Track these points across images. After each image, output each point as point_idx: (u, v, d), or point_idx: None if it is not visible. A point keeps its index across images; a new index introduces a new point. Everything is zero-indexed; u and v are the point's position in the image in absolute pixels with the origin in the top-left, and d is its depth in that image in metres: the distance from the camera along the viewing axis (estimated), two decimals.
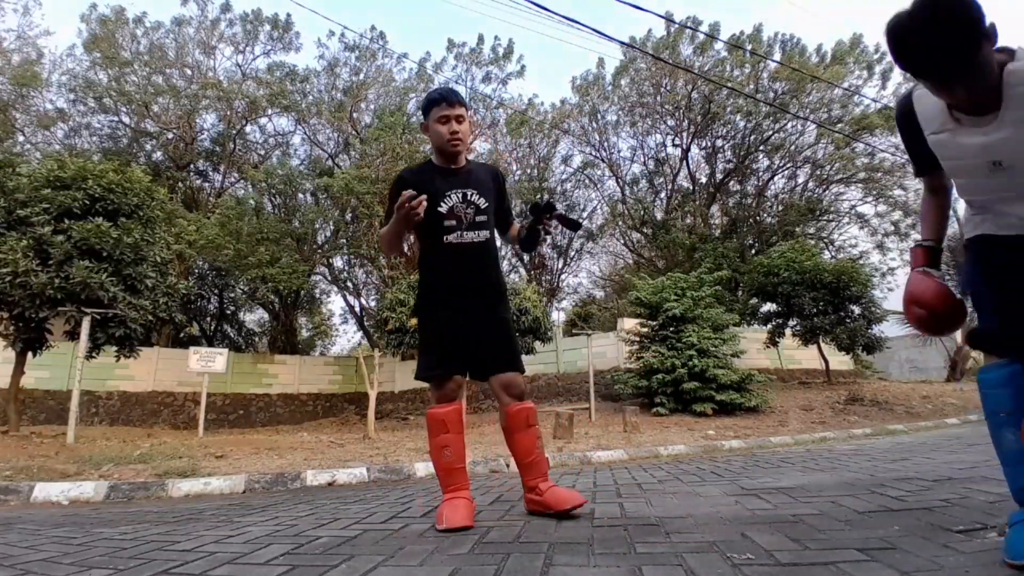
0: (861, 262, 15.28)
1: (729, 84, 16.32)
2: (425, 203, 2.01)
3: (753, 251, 17.73)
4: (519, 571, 1.41)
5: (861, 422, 8.15)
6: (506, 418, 2.20)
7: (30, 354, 8.03)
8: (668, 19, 16.10)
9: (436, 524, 1.99)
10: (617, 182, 21.10)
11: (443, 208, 2.23)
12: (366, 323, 19.93)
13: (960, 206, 1.70)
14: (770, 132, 17.78)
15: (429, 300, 2.31)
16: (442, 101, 2.26)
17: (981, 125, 1.32)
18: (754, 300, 13.44)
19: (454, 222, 2.23)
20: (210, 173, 20.74)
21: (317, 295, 24.23)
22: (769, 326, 12.87)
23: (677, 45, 17.27)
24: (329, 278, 20.18)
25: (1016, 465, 1.40)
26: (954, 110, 1.36)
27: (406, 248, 2.08)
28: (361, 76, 18.48)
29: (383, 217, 2.40)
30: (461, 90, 18.70)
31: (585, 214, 22.81)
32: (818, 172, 18.21)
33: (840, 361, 14.76)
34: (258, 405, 16.16)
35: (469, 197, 2.25)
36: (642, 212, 20.07)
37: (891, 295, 17.78)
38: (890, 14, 1.23)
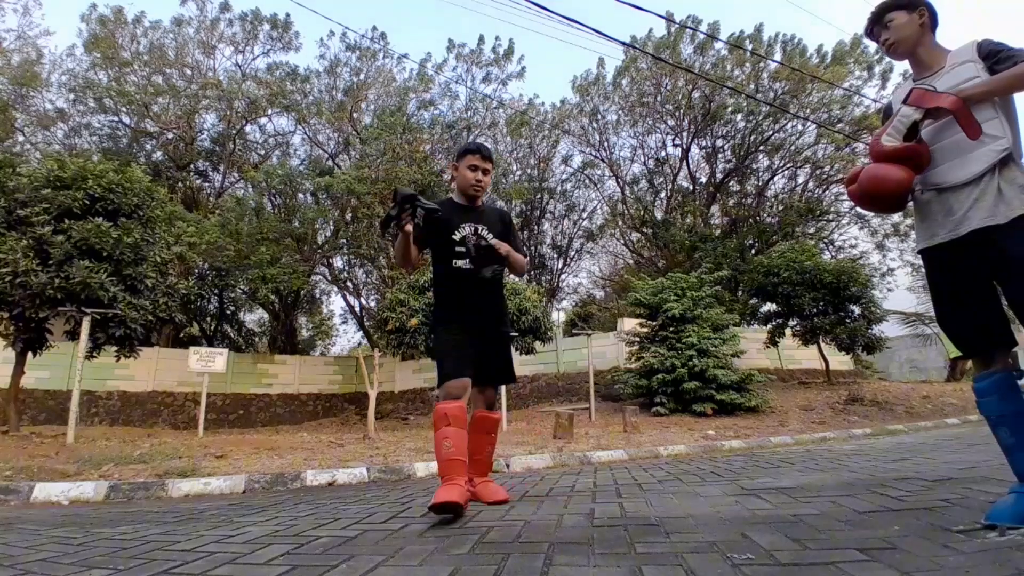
0: (861, 262, 15.28)
1: (729, 84, 16.31)
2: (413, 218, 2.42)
3: (753, 251, 17.71)
4: (519, 571, 1.41)
5: (861, 422, 8.15)
6: (473, 419, 2.65)
7: (30, 354, 8.02)
8: (668, 19, 16.09)
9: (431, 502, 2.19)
10: (617, 182, 21.10)
11: (456, 237, 2.59)
12: (366, 323, 19.92)
13: None
14: (770, 132, 17.77)
15: (445, 316, 2.67)
16: (477, 153, 2.70)
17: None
18: (754, 300, 13.44)
19: (464, 250, 2.59)
20: (210, 173, 20.73)
21: (317, 295, 24.22)
22: (769, 326, 12.86)
23: (678, 45, 17.26)
24: (329, 278, 20.17)
25: (1014, 453, 1.67)
26: (915, 80, 1.91)
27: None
28: (362, 76, 18.48)
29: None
30: (461, 91, 18.76)
31: (585, 214, 22.85)
32: (818, 172, 18.20)
33: (840, 361, 14.76)
34: (258, 405, 16.16)
35: (480, 231, 2.63)
36: (642, 212, 20.06)
37: (891, 295, 17.80)
38: None
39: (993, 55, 1.74)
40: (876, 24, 1.96)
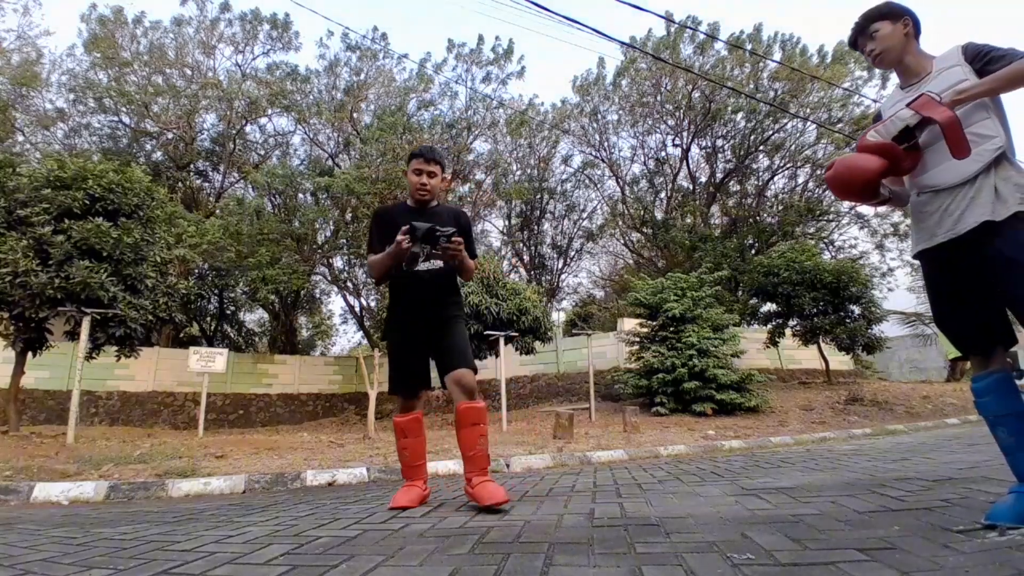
0: (861, 262, 15.28)
1: (729, 84, 16.30)
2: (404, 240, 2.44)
3: (753, 251, 17.72)
4: (519, 571, 1.41)
5: (861, 422, 8.15)
6: (456, 414, 2.52)
7: (30, 354, 8.02)
8: (668, 19, 16.10)
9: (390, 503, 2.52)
10: (617, 182, 21.11)
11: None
12: (366, 323, 19.91)
13: None
14: (770, 132, 17.77)
15: (394, 322, 2.72)
16: (420, 156, 2.70)
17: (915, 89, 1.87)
18: (754, 300, 13.43)
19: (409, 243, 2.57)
20: (210, 173, 20.72)
21: (317, 295, 24.19)
22: (769, 326, 12.86)
23: (677, 45, 17.26)
24: (329, 278, 20.15)
25: (1014, 454, 1.68)
26: (902, 87, 1.97)
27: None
28: (362, 76, 18.46)
29: (368, 245, 2.79)
30: (461, 91, 18.74)
31: (585, 214, 22.85)
32: (818, 172, 18.19)
33: (840, 361, 14.75)
34: (258, 405, 16.15)
35: None
36: (642, 212, 20.07)
37: (891, 295, 17.80)
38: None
39: (982, 56, 1.75)
40: (861, 35, 1.98)
